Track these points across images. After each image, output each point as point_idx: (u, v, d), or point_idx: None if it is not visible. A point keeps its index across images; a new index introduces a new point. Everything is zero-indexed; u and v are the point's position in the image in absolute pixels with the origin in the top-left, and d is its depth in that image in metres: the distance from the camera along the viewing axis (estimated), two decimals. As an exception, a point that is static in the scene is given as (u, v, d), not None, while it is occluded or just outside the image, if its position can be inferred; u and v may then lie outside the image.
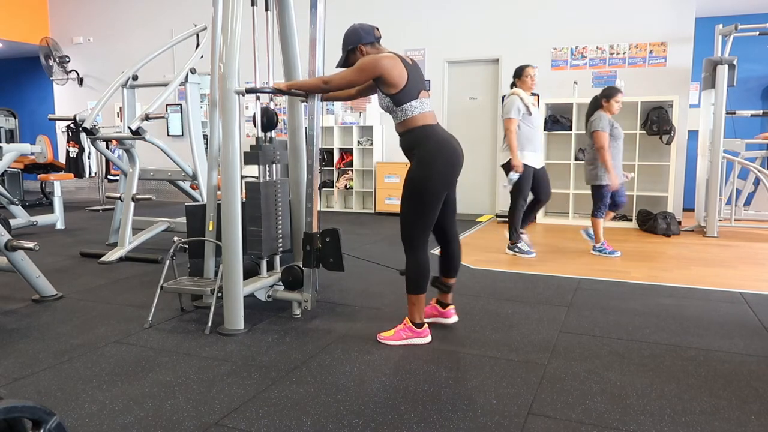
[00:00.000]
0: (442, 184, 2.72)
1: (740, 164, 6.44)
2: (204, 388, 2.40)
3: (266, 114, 3.26)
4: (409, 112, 2.74)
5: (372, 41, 2.85)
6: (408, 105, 2.73)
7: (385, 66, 2.69)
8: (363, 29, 2.84)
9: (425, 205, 2.72)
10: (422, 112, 2.75)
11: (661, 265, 4.65)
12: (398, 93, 2.73)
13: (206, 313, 3.24)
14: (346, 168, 8.18)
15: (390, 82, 2.71)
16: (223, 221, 3.05)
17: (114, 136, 5.08)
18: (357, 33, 2.84)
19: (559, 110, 7.09)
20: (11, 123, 9.50)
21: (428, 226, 2.77)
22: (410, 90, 2.73)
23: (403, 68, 2.73)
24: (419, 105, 2.74)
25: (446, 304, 3.16)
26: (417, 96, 2.75)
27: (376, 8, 8.01)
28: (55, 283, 4.05)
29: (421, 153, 2.72)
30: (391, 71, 2.69)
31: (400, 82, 2.71)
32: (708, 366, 2.63)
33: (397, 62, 2.72)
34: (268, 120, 3.26)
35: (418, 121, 2.75)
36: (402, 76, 2.71)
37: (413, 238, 2.78)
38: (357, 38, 2.83)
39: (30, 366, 2.65)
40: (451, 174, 2.74)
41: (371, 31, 2.85)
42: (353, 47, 2.85)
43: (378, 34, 2.88)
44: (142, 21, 9.57)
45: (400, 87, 2.71)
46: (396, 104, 2.75)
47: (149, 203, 8.67)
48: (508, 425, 2.09)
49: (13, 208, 6.01)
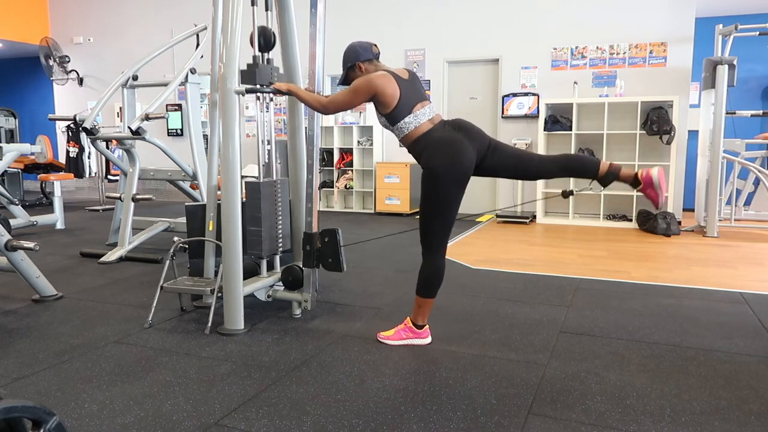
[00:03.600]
0: (452, 184, 2.70)
1: (740, 164, 6.44)
2: (204, 388, 2.40)
3: (264, 34, 3.23)
4: (404, 129, 2.78)
5: (370, 58, 2.88)
6: (402, 123, 2.77)
7: (378, 85, 2.72)
8: (361, 47, 2.88)
9: (439, 207, 2.72)
10: (417, 126, 2.77)
11: (661, 265, 4.65)
12: (391, 112, 2.76)
13: (206, 313, 3.25)
14: (346, 168, 8.18)
15: (383, 101, 2.74)
16: (223, 221, 3.05)
17: (114, 136, 5.08)
18: (355, 51, 2.87)
19: (559, 110, 7.09)
20: (11, 123, 9.50)
21: (446, 228, 2.77)
22: (402, 108, 2.75)
23: (395, 86, 2.74)
24: (413, 120, 2.77)
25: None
26: (410, 111, 2.77)
27: (376, 8, 8.01)
28: (55, 283, 4.06)
29: (425, 160, 2.74)
30: (384, 90, 2.72)
31: (392, 101, 2.74)
32: (708, 366, 2.63)
33: (390, 81, 2.74)
34: (265, 40, 3.23)
35: (414, 134, 2.78)
36: (394, 96, 2.73)
37: (431, 241, 2.78)
38: (355, 56, 2.87)
39: (30, 366, 2.65)
40: (459, 170, 2.71)
41: (369, 48, 2.89)
42: (352, 65, 2.89)
43: (376, 50, 2.91)
44: (142, 21, 9.57)
45: (392, 106, 2.74)
46: (391, 123, 2.80)
47: (149, 203, 8.67)
48: (508, 425, 2.09)
49: (13, 208, 6.01)
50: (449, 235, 2.80)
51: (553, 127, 6.98)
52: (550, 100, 7.01)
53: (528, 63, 7.38)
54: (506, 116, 7.48)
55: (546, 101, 7.02)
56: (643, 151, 6.78)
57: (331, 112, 2.89)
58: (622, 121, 6.87)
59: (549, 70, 7.30)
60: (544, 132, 6.99)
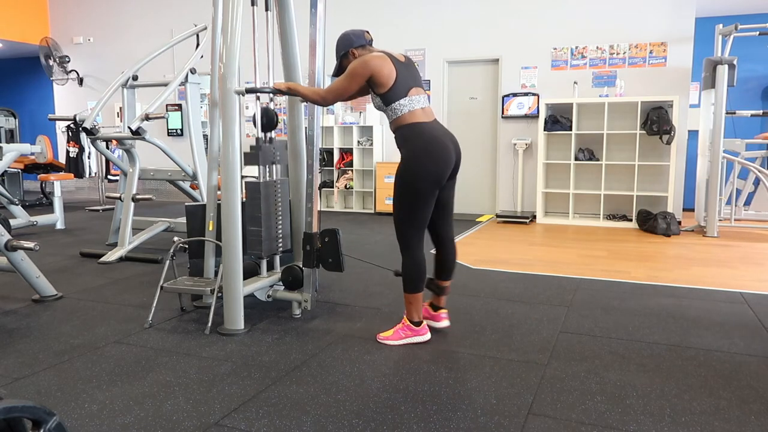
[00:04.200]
0: (430, 183, 2.71)
1: (740, 164, 6.44)
2: (204, 388, 2.40)
3: (266, 114, 3.26)
4: (398, 111, 2.76)
5: (363, 44, 2.88)
6: (396, 104, 2.75)
7: (374, 65, 2.71)
8: (354, 34, 2.88)
9: (414, 204, 2.72)
10: (411, 110, 2.75)
11: (661, 265, 4.65)
12: (387, 92, 2.75)
13: (206, 313, 3.25)
14: (346, 168, 8.18)
15: (379, 81, 2.73)
16: (223, 221, 3.05)
17: (114, 136, 5.08)
18: (348, 38, 2.88)
19: (559, 110, 7.09)
20: (11, 123, 9.50)
21: (420, 225, 2.77)
22: (398, 88, 2.75)
23: (392, 67, 2.74)
24: (408, 103, 2.75)
25: (438, 307, 3.10)
26: (406, 94, 2.76)
27: (376, 8, 8.01)
28: (55, 283, 4.06)
29: (407, 151, 2.73)
30: (381, 70, 2.72)
31: (389, 81, 2.73)
32: (708, 366, 2.63)
33: (386, 61, 2.74)
34: (268, 120, 3.27)
35: (406, 119, 2.76)
36: (390, 75, 2.73)
37: (406, 238, 2.79)
38: (348, 43, 2.87)
39: (30, 366, 2.65)
40: (439, 173, 2.71)
41: (362, 35, 2.89)
42: (345, 52, 2.89)
43: (369, 37, 2.92)
44: (142, 21, 9.57)
45: (388, 86, 2.74)
46: (385, 103, 2.78)
47: (149, 203, 8.67)
48: (508, 425, 2.09)
49: (13, 208, 6.01)
50: (425, 229, 2.81)
51: (553, 127, 6.99)
52: (550, 100, 7.01)
53: (528, 63, 7.38)
54: (506, 116, 7.48)
55: (546, 101, 7.02)
56: (643, 151, 6.78)
57: (331, 101, 2.88)
58: (622, 121, 6.87)
59: (549, 70, 7.30)
60: (544, 132, 6.99)
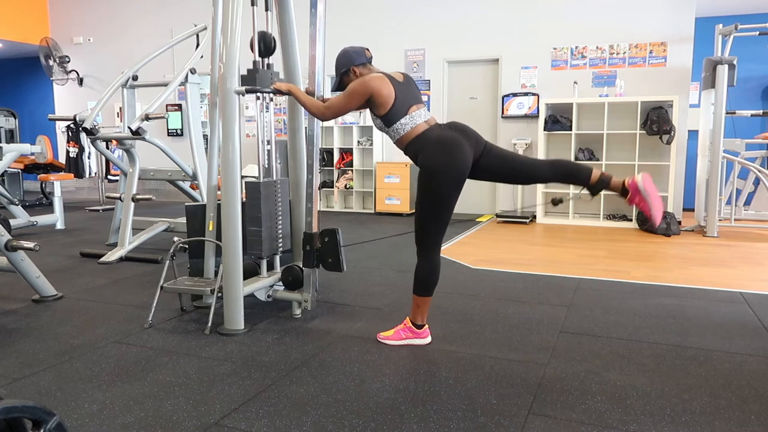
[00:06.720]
0: (449, 183, 2.71)
1: (740, 164, 6.44)
2: (204, 388, 2.40)
3: (264, 39, 3.24)
4: (401, 131, 2.79)
5: (363, 62, 2.89)
6: (398, 124, 2.78)
7: (374, 86, 2.73)
8: (354, 51, 2.89)
9: (436, 206, 2.73)
10: (414, 127, 2.78)
11: (661, 265, 4.65)
12: (386, 114, 2.77)
13: (206, 313, 3.25)
14: (346, 168, 8.18)
15: (379, 101, 2.75)
16: (223, 221, 3.05)
17: (114, 136, 5.08)
18: (348, 55, 2.89)
19: (559, 110, 7.09)
20: (11, 123, 9.50)
21: (441, 228, 2.78)
22: (398, 109, 2.76)
23: (391, 88, 2.76)
24: (409, 121, 2.78)
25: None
26: (406, 112, 2.78)
27: (376, 8, 8.01)
28: (55, 283, 4.06)
29: (423, 157, 2.75)
30: (381, 90, 2.73)
31: (388, 101, 2.74)
32: (708, 366, 2.63)
33: (385, 82, 2.75)
34: (265, 45, 3.24)
35: (410, 135, 2.79)
36: (390, 96, 2.74)
37: (426, 240, 2.79)
38: (349, 60, 2.88)
39: (30, 366, 2.65)
40: (456, 169, 2.71)
41: (362, 52, 2.90)
42: (346, 70, 2.90)
43: (369, 55, 2.93)
44: (142, 21, 9.57)
45: (387, 107, 2.75)
46: (386, 125, 2.80)
47: (149, 203, 8.67)
48: (508, 425, 2.09)
49: (13, 208, 6.02)
50: (444, 233, 2.82)
51: (553, 127, 6.99)
52: (550, 100, 7.01)
53: (528, 63, 7.38)
54: (506, 116, 7.48)
55: (546, 101, 7.02)
56: (643, 151, 6.78)
57: (329, 118, 2.90)
58: (622, 120, 6.87)
59: (549, 70, 7.30)
60: (544, 132, 6.99)
